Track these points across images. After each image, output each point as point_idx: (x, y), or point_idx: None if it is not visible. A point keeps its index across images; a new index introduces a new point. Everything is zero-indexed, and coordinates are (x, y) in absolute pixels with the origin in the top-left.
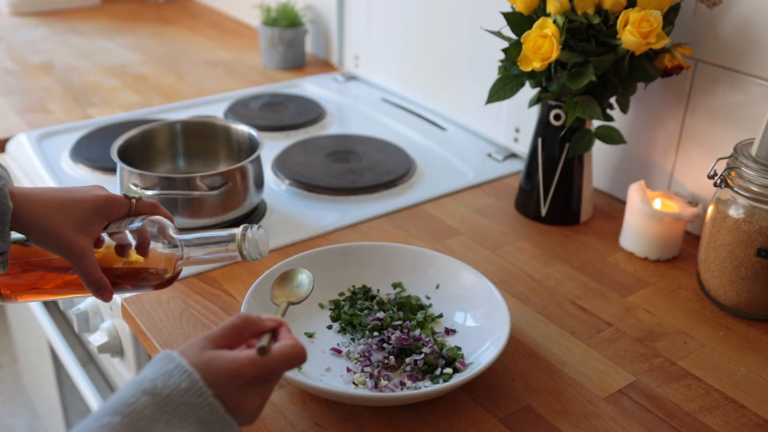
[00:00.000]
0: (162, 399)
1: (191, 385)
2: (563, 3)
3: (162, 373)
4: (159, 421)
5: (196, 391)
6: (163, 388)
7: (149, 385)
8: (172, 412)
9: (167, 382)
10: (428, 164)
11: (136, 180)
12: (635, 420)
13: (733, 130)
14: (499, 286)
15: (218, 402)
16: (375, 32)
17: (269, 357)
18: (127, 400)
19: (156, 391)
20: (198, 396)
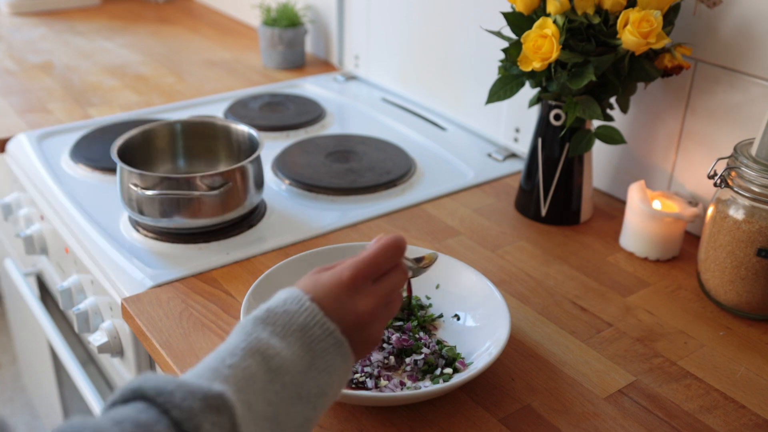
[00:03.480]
0: (263, 312)
1: (290, 294)
2: (563, 3)
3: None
4: (265, 331)
5: (294, 298)
6: (266, 304)
7: (260, 308)
8: (274, 323)
9: (270, 301)
10: (428, 164)
11: (136, 180)
12: (635, 420)
13: (733, 130)
14: (499, 286)
15: (316, 305)
16: (375, 32)
17: (363, 254)
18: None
19: (261, 308)
20: (296, 302)
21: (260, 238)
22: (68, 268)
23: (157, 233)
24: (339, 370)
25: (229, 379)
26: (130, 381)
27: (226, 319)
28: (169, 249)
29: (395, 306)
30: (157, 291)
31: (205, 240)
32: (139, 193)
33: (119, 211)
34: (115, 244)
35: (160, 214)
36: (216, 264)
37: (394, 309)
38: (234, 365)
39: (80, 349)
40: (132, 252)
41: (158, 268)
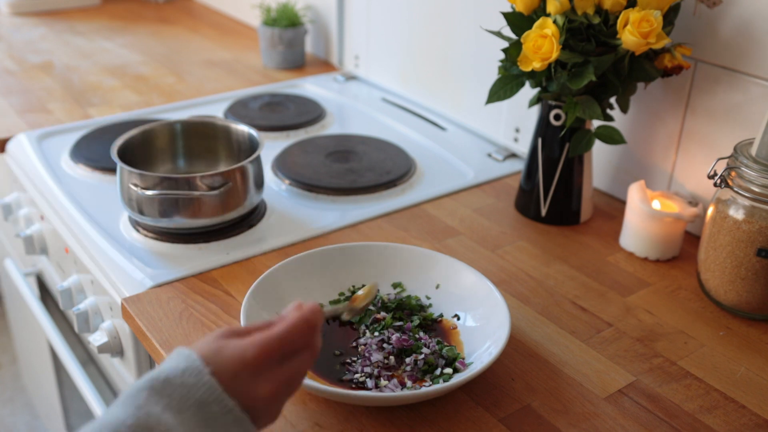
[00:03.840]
0: (160, 382)
1: (188, 364)
2: (563, 3)
3: (167, 364)
4: (158, 404)
5: (193, 371)
6: (162, 372)
7: (153, 374)
8: (171, 395)
9: (166, 367)
10: (428, 164)
11: (136, 180)
12: (635, 420)
13: (733, 130)
14: (499, 286)
15: (215, 380)
16: (375, 32)
17: (272, 331)
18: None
19: (156, 377)
20: (195, 375)
21: (260, 238)
22: (68, 268)
23: (157, 233)
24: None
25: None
26: None
27: (226, 319)
28: (169, 249)
29: (298, 385)
30: (157, 291)
31: (205, 240)
32: (139, 193)
33: (119, 211)
34: (115, 244)
35: (160, 214)
36: (216, 264)
37: (296, 388)
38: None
39: (80, 349)
40: (132, 252)
41: (158, 268)
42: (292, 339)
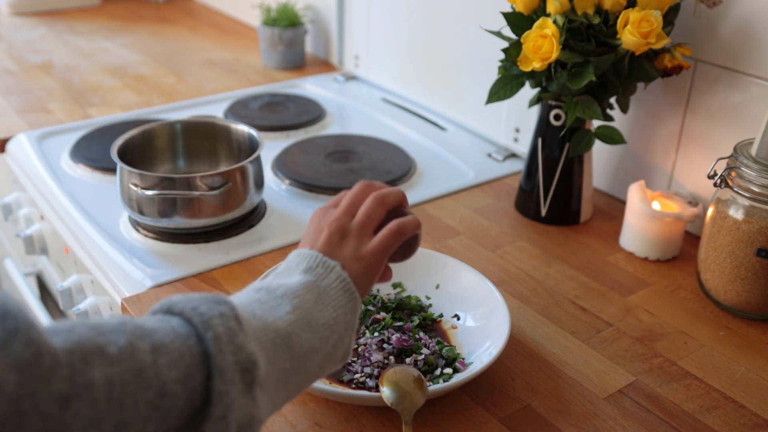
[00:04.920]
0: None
1: (290, 254)
2: (563, 3)
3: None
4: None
5: (294, 254)
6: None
7: None
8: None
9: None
10: (428, 164)
11: (136, 180)
12: (635, 420)
13: (733, 130)
14: (499, 286)
15: (315, 251)
16: (375, 32)
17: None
18: None
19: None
20: (297, 255)
21: (260, 238)
22: (68, 268)
23: (157, 233)
24: (344, 308)
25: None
26: None
27: None
28: (169, 249)
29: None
30: (157, 291)
31: (205, 240)
32: (139, 193)
33: (119, 211)
34: (115, 244)
35: (160, 214)
36: (216, 264)
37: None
38: (237, 296)
39: None
40: (132, 252)
41: (158, 268)
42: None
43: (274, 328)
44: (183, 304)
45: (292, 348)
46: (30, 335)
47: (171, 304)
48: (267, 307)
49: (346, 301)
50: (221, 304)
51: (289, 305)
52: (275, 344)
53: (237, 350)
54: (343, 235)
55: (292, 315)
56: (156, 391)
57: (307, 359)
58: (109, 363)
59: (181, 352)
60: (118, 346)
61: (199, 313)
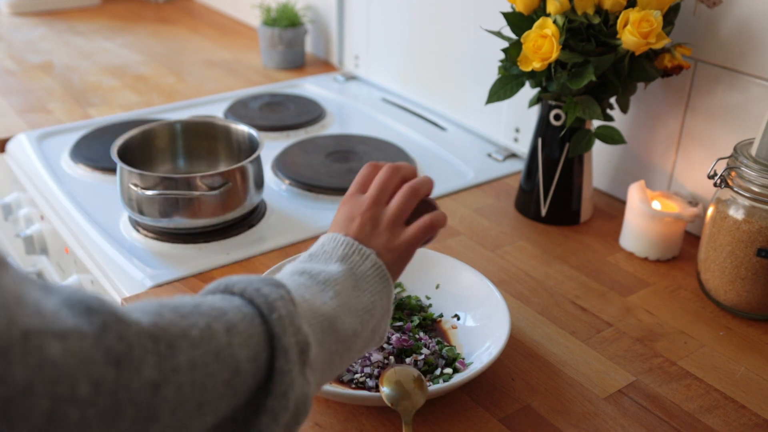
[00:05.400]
0: (306, 256)
1: (327, 237)
2: (563, 3)
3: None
4: (308, 264)
5: (330, 239)
6: (309, 251)
7: (302, 256)
8: (317, 260)
9: (312, 248)
10: (428, 164)
11: (136, 180)
12: (635, 420)
13: (733, 130)
14: (499, 286)
15: (350, 238)
16: (375, 32)
17: (371, 187)
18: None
19: (304, 255)
20: (333, 240)
21: (260, 238)
22: (68, 268)
23: (157, 233)
24: (380, 293)
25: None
26: None
27: None
28: (169, 249)
29: (421, 229)
30: (157, 291)
31: (205, 240)
32: (139, 193)
33: (119, 211)
34: (115, 244)
35: (160, 214)
36: (216, 264)
37: (422, 229)
38: (283, 278)
39: None
40: (132, 252)
41: (158, 268)
42: (386, 183)
43: (322, 312)
44: (244, 284)
45: (337, 331)
46: (120, 329)
47: (231, 284)
48: (312, 291)
49: (382, 287)
50: (279, 287)
51: (331, 291)
52: (323, 327)
53: (297, 331)
54: (375, 225)
55: (336, 300)
56: (232, 370)
57: (350, 342)
58: (192, 346)
59: (250, 332)
60: (199, 329)
61: (263, 294)
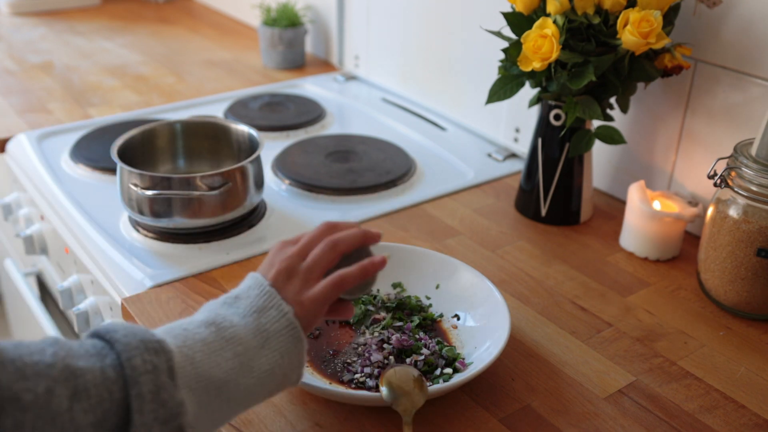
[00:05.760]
0: (231, 298)
1: (253, 281)
2: (563, 3)
3: (239, 286)
4: (228, 310)
5: (256, 284)
6: (234, 291)
7: (228, 294)
8: (239, 305)
9: (239, 288)
10: (428, 164)
11: (136, 180)
12: (635, 420)
13: (733, 130)
14: (499, 286)
15: (274, 290)
16: (375, 32)
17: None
18: (208, 305)
19: (229, 295)
20: (258, 287)
21: (260, 238)
22: (68, 268)
23: (157, 233)
24: (290, 353)
25: (178, 336)
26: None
27: None
28: (169, 249)
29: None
30: (157, 291)
31: (205, 240)
32: (139, 193)
33: (119, 211)
34: (115, 244)
35: (160, 214)
36: (216, 264)
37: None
38: (188, 329)
39: None
40: (132, 252)
41: (158, 268)
42: (314, 238)
43: (209, 376)
44: (121, 345)
45: (227, 394)
46: None
47: (113, 339)
48: (210, 349)
49: (292, 347)
50: (159, 355)
51: (231, 352)
52: (208, 391)
53: (159, 407)
54: (289, 276)
55: (233, 361)
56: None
57: (245, 399)
58: (21, 410)
59: (101, 397)
60: (35, 394)
61: (131, 366)
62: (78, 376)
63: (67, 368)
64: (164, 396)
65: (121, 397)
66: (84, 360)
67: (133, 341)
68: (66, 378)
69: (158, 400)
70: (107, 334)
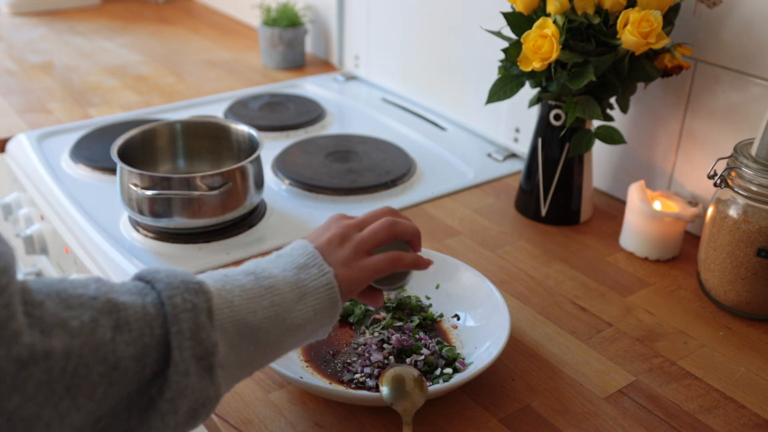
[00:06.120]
0: (273, 256)
1: (298, 243)
2: (563, 3)
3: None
4: (269, 264)
5: (301, 246)
6: (277, 252)
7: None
8: (278, 261)
9: (282, 250)
10: (428, 164)
11: (136, 180)
12: (635, 420)
13: (733, 130)
14: (499, 286)
15: (318, 251)
16: (375, 32)
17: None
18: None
19: (272, 254)
20: (302, 248)
21: (260, 238)
22: (68, 268)
23: (157, 233)
24: (324, 313)
25: (218, 280)
26: None
27: None
28: (169, 249)
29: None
30: None
31: (205, 240)
32: (139, 193)
33: (119, 211)
34: (115, 244)
35: (160, 214)
36: (216, 264)
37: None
38: (228, 275)
39: None
40: (132, 252)
41: None
42: (375, 215)
43: (244, 322)
44: (163, 285)
45: (257, 340)
46: (10, 298)
47: (155, 279)
48: (248, 296)
49: (328, 306)
50: (198, 294)
51: (268, 301)
52: (241, 335)
53: (196, 344)
54: (342, 241)
55: (268, 311)
56: (110, 364)
57: (273, 347)
58: (69, 335)
59: (142, 332)
60: (81, 321)
61: (173, 303)
62: (120, 309)
63: (109, 302)
64: (202, 335)
65: (161, 333)
66: (126, 296)
67: (175, 281)
68: (109, 310)
69: (196, 338)
70: (149, 275)
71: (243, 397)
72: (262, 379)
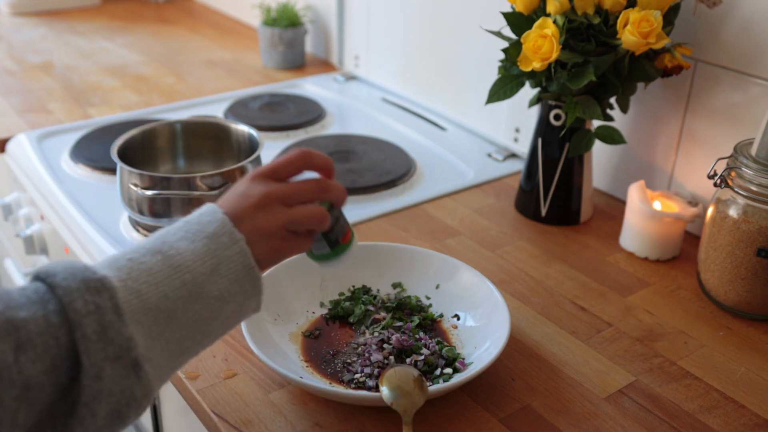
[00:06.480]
0: (180, 223)
1: (207, 208)
2: (563, 3)
3: (191, 214)
4: (175, 236)
5: (209, 211)
6: (184, 217)
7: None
8: (187, 230)
9: (190, 215)
10: (428, 164)
11: (136, 180)
12: (635, 420)
13: (733, 130)
14: (499, 286)
15: (227, 218)
16: (375, 32)
17: (269, 164)
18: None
19: (178, 220)
20: (210, 214)
21: None
22: None
23: None
24: (242, 280)
25: (122, 269)
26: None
27: None
28: None
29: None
30: None
31: None
32: (139, 193)
33: (119, 211)
34: (115, 244)
35: (160, 214)
36: None
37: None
38: (133, 259)
39: None
40: None
41: None
42: (297, 193)
43: (158, 308)
44: (62, 290)
45: (179, 323)
46: None
47: (53, 283)
48: (156, 280)
49: (245, 274)
50: (101, 293)
51: (179, 280)
52: (158, 322)
53: (107, 346)
54: (258, 202)
55: (181, 290)
56: (21, 386)
57: (200, 327)
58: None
59: (47, 345)
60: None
61: (73, 309)
62: (20, 328)
63: (7, 321)
64: (111, 334)
65: (69, 341)
66: (26, 310)
67: (73, 283)
68: (8, 332)
69: (105, 339)
70: (48, 277)
71: (243, 397)
72: (262, 379)
